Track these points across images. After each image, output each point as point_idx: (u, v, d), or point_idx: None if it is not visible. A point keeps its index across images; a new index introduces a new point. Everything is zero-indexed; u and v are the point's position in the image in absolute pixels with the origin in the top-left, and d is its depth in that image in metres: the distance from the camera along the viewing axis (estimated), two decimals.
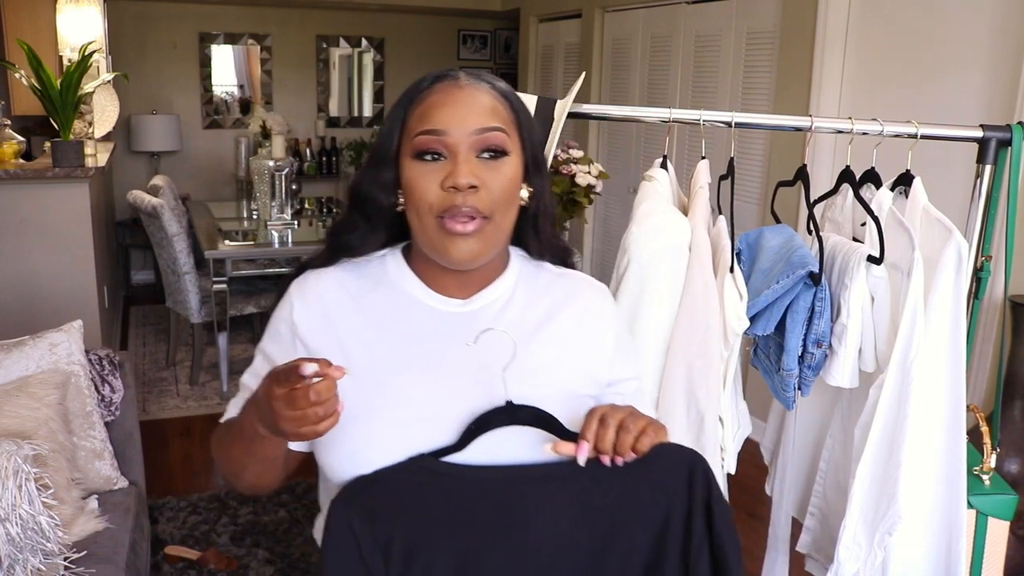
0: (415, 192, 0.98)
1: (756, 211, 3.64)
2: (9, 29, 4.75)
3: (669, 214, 1.53)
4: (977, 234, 1.65)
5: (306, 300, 1.05)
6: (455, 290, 1.05)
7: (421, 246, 1.02)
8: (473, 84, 1.01)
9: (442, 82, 1.01)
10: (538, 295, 1.08)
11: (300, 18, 6.66)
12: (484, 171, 0.98)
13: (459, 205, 0.96)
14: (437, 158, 0.97)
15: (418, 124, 0.98)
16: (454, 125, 0.97)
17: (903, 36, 3.02)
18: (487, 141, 0.98)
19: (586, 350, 1.08)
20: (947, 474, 1.52)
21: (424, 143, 0.97)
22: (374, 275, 1.06)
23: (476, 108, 0.99)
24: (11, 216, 3.31)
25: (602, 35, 4.96)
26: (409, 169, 0.99)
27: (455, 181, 0.96)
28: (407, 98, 1.02)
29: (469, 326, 1.02)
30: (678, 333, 1.50)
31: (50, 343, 2.17)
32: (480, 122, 0.98)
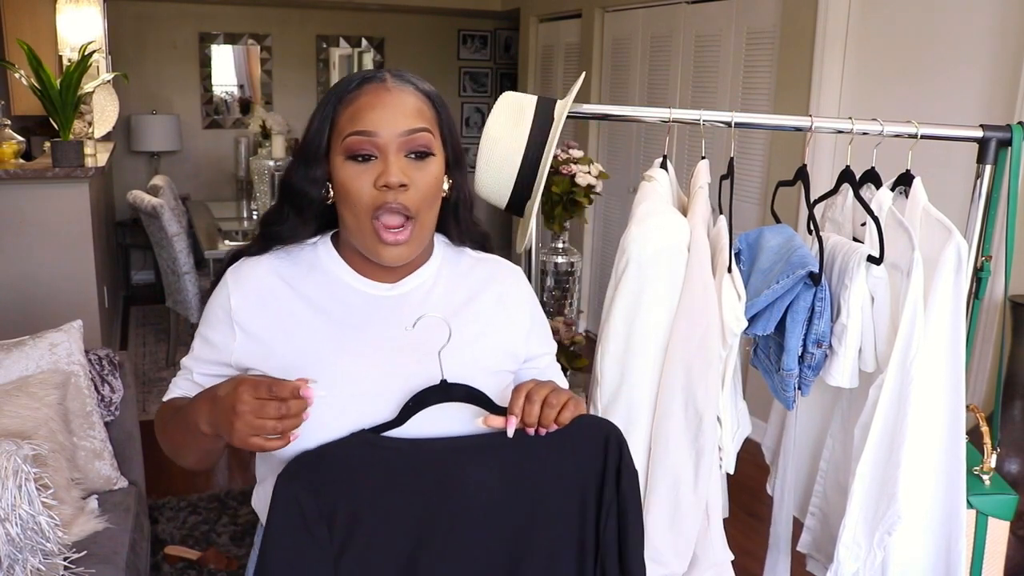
0: (350, 193, 1.04)
1: (756, 211, 3.64)
2: (9, 29, 4.75)
3: (668, 214, 1.53)
4: (977, 234, 1.65)
5: (242, 286, 1.10)
6: (383, 276, 1.11)
7: (352, 240, 1.08)
8: (399, 86, 1.07)
9: (370, 84, 1.06)
10: (460, 279, 1.16)
11: (300, 18, 6.66)
12: (412, 170, 1.04)
13: (390, 202, 1.03)
14: (368, 159, 1.04)
15: (349, 125, 1.04)
16: (384, 127, 1.03)
17: (903, 36, 3.02)
18: (415, 142, 1.04)
19: (505, 329, 1.16)
20: (947, 474, 1.52)
21: (356, 144, 1.03)
22: (306, 261, 1.13)
23: (403, 110, 1.05)
24: (11, 216, 3.31)
25: (602, 35, 4.96)
26: (342, 169, 1.05)
27: (387, 180, 1.02)
28: (335, 97, 1.07)
29: (398, 309, 1.10)
30: (677, 333, 1.50)
31: (50, 343, 2.17)
32: (408, 124, 1.04)
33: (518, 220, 1.51)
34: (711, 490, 1.54)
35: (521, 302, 1.20)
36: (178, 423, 1.05)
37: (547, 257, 2.92)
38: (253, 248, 1.14)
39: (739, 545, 1.93)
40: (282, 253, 1.13)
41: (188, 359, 1.15)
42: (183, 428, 1.03)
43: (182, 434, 1.04)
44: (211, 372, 1.13)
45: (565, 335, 2.81)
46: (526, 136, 1.42)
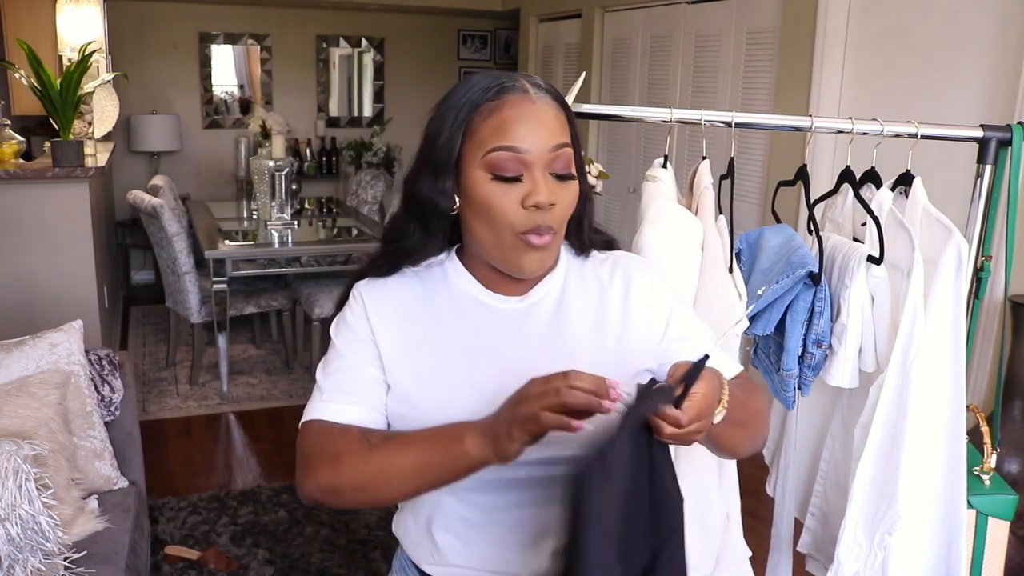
0: (495, 211, 0.99)
1: (756, 211, 3.64)
2: (9, 29, 4.75)
3: (681, 214, 1.53)
4: (977, 234, 1.65)
5: (379, 303, 1.07)
6: (510, 288, 1.08)
7: (486, 256, 1.05)
8: (542, 98, 1.01)
9: (512, 94, 1.00)
10: (587, 282, 1.12)
11: (300, 18, 6.66)
12: (557, 189, 1.00)
13: (540, 224, 0.99)
14: (514, 179, 0.99)
15: (492, 138, 0.99)
16: (532, 143, 0.98)
17: (903, 36, 3.02)
18: (560, 160, 1.00)
19: (637, 318, 1.10)
20: (947, 474, 1.52)
21: (502, 161, 0.98)
22: (434, 277, 1.10)
23: (550, 125, 1.00)
24: (11, 216, 3.31)
25: (602, 35, 4.96)
26: (482, 185, 1.00)
27: (537, 200, 0.98)
28: (469, 104, 1.01)
29: (529, 320, 1.08)
30: None
31: (50, 343, 2.17)
32: (554, 139, 1.00)
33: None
34: (731, 490, 1.55)
35: (652, 288, 1.13)
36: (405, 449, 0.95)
37: None
38: (382, 267, 1.10)
39: None
40: (409, 272, 1.09)
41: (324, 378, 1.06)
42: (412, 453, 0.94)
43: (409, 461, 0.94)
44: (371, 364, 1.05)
45: None
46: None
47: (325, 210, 5.67)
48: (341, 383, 1.05)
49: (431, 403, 1.02)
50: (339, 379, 1.05)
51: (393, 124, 6.91)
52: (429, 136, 1.04)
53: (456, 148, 1.01)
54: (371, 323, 1.06)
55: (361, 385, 1.05)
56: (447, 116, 1.02)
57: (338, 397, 1.04)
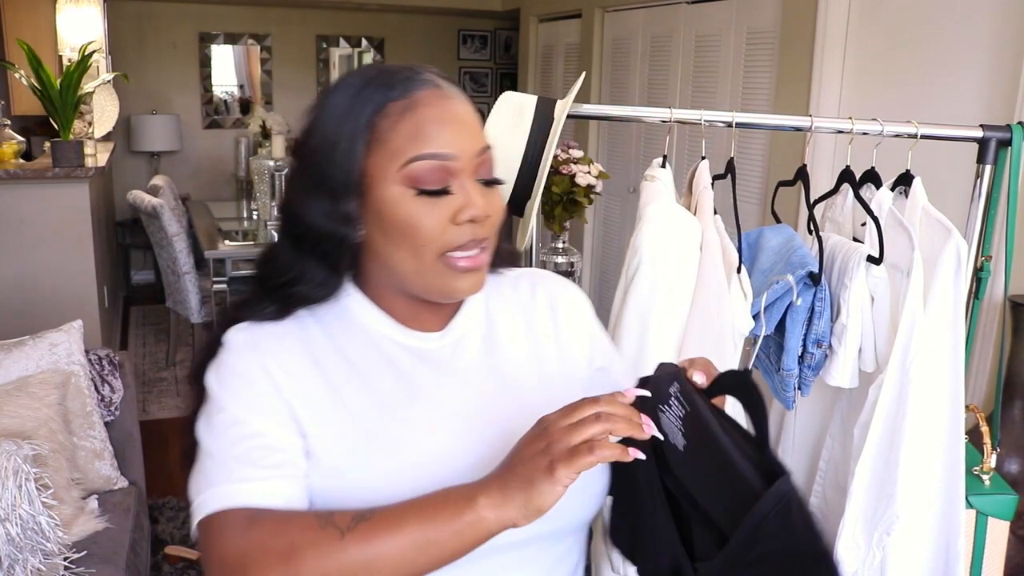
0: (421, 232, 0.82)
1: (756, 211, 3.64)
2: (9, 29, 4.75)
3: (679, 214, 1.53)
4: (977, 234, 1.65)
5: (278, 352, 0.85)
6: (428, 322, 0.92)
7: (406, 285, 0.87)
8: (455, 92, 0.86)
9: (423, 89, 0.84)
10: (509, 305, 0.99)
11: (300, 18, 6.66)
12: (489, 197, 0.86)
13: (474, 238, 0.84)
14: (443, 192, 0.83)
15: (411, 145, 0.82)
16: (458, 147, 0.83)
17: (903, 36, 3.02)
18: (485, 164, 0.86)
19: (569, 339, 1.00)
20: (946, 474, 1.52)
21: (427, 172, 0.82)
22: (335, 319, 0.89)
23: (472, 124, 0.86)
24: (11, 216, 3.31)
25: (602, 35, 4.96)
26: (403, 204, 0.82)
27: (473, 214, 0.83)
28: (372, 105, 0.83)
29: (460, 359, 0.92)
30: (691, 333, 1.50)
31: (50, 343, 2.17)
32: (479, 141, 0.86)
33: (518, 220, 1.51)
34: None
35: (579, 309, 1.03)
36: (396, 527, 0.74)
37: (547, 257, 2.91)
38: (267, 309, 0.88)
39: None
40: (304, 314, 0.88)
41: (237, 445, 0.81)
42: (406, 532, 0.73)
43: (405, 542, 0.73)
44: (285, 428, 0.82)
45: None
46: (526, 136, 1.42)
47: None
48: (253, 455, 0.80)
49: (375, 474, 0.83)
50: (248, 449, 0.80)
51: None
52: (316, 149, 0.84)
53: (359, 162, 0.83)
54: (274, 376, 0.84)
55: (283, 454, 0.81)
56: (340, 122, 0.83)
57: (257, 474, 0.79)
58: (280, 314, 0.88)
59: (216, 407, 0.84)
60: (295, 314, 0.89)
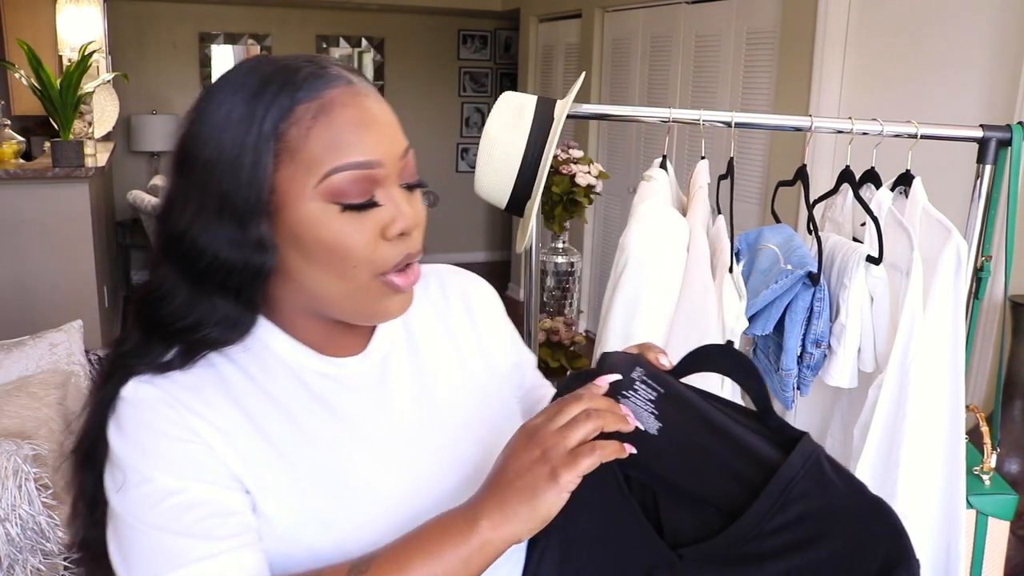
0: (349, 253, 0.72)
1: (756, 211, 3.64)
2: (9, 29, 4.75)
3: (667, 214, 1.53)
4: (977, 234, 1.65)
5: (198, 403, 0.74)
6: (346, 345, 0.82)
7: (330, 310, 0.77)
8: (367, 87, 0.76)
9: (334, 87, 0.72)
10: (422, 310, 0.89)
11: (300, 18, 6.66)
12: (414, 202, 0.77)
13: (411, 253, 0.75)
14: (370, 204, 0.73)
15: (330, 154, 0.71)
16: (382, 152, 0.73)
17: (903, 36, 3.02)
18: (409, 167, 0.77)
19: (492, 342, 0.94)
20: (947, 474, 1.52)
21: (351, 184, 0.71)
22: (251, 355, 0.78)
23: (391, 123, 0.76)
24: (11, 216, 3.31)
25: (602, 35, 4.96)
26: (327, 222, 0.71)
27: (405, 227, 0.74)
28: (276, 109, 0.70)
29: (389, 383, 0.84)
30: (675, 333, 1.50)
31: (50, 343, 2.17)
32: (401, 142, 0.76)
33: (518, 220, 1.51)
34: None
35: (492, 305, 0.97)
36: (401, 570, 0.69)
37: (547, 257, 2.92)
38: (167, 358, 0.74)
39: None
40: (213, 356, 0.76)
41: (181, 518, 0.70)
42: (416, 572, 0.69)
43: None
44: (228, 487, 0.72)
45: (565, 335, 2.81)
46: (526, 136, 1.42)
47: None
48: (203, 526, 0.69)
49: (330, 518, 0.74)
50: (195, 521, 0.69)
51: None
52: (211, 165, 0.71)
53: (268, 178, 0.70)
54: (201, 434, 0.72)
55: (236, 518, 0.71)
56: (239, 132, 0.70)
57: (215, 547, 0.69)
58: (185, 362, 0.74)
59: (137, 477, 0.70)
60: (207, 361, 0.75)
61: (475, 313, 0.93)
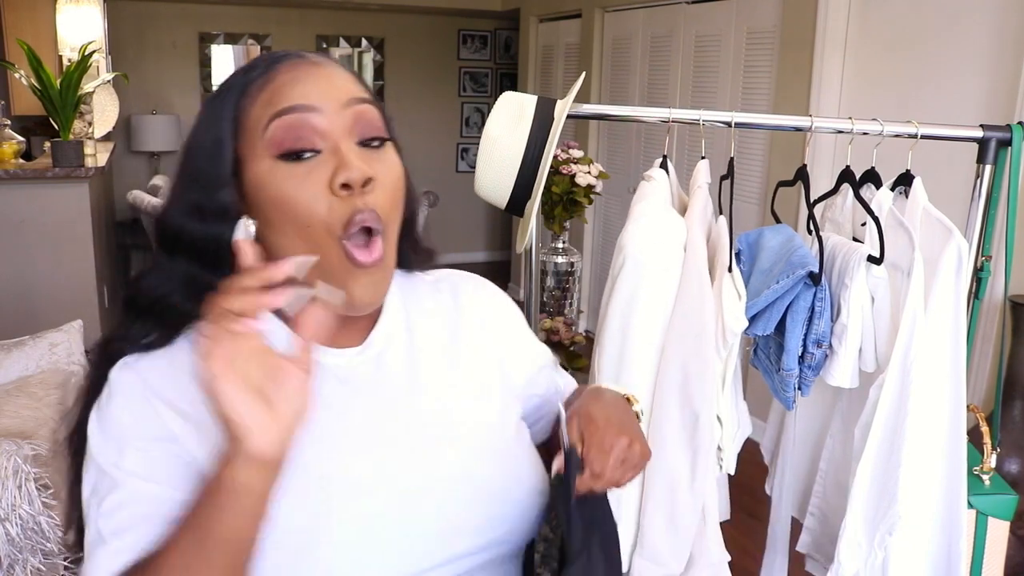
0: (297, 208, 0.72)
1: (756, 211, 3.64)
2: (9, 29, 4.75)
3: (665, 213, 1.53)
4: (977, 234, 1.65)
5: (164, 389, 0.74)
6: (344, 335, 0.80)
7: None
8: (325, 61, 0.79)
9: (286, 63, 0.77)
10: (431, 312, 0.90)
11: (300, 18, 6.66)
12: (372, 160, 0.76)
13: (360, 209, 0.73)
14: (307, 155, 0.73)
15: (267, 111, 0.74)
16: (320, 99, 0.75)
17: (903, 36, 3.02)
18: (363, 118, 0.77)
19: (501, 350, 0.93)
20: (947, 474, 1.52)
21: (286, 129, 0.73)
22: None
23: (339, 79, 0.77)
24: (11, 216, 3.31)
25: (602, 35, 4.96)
26: (271, 178, 0.73)
27: (348, 177, 0.72)
28: (235, 89, 0.77)
29: (376, 379, 0.83)
30: (673, 333, 1.50)
31: (50, 343, 2.17)
32: (350, 92, 0.77)
33: (518, 220, 1.51)
34: (708, 490, 1.54)
35: (499, 307, 0.97)
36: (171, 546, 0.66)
37: (547, 257, 2.92)
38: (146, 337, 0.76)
39: (739, 545, 1.93)
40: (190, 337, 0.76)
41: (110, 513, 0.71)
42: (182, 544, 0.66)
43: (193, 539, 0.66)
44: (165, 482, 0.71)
45: (565, 335, 2.82)
46: (526, 136, 1.42)
47: None
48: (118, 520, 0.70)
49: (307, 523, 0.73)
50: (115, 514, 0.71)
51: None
52: (189, 149, 0.78)
53: (229, 147, 0.75)
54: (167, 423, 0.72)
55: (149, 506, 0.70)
56: (209, 115, 0.77)
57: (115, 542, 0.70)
58: (165, 339, 0.76)
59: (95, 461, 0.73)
60: (187, 340, 0.76)
61: (487, 323, 0.93)
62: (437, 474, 0.80)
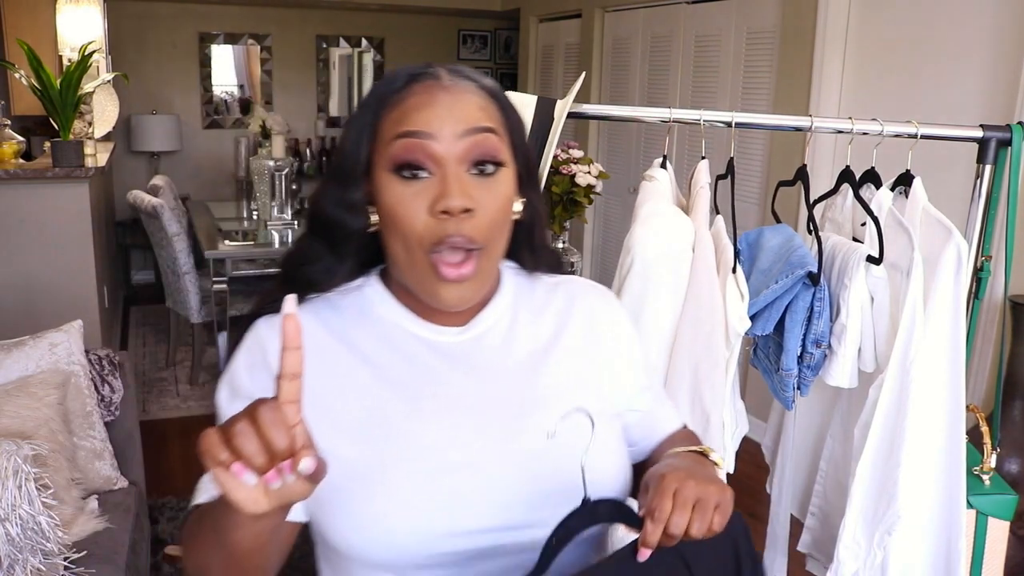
0: (400, 220, 0.83)
1: (756, 211, 3.64)
2: (9, 29, 4.75)
3: (673, 214, 1.53)
4: (977, 234, 1.65)
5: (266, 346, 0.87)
6: (447, 317, 0.91)
7: (406, 281, 0.88)
8: (458, 83, 0.86)
9: (420, 82, 0.85)
10: (539, 310, 0.97)
11: (300, 18, 6.66)
12: (477, 190, 0.83)
13: (452, 234, 0.81)
14: (420, 174, 0.82)
15: (394, 127, 0.84)
16: (438, 127, 0.82)
17: (903, 36, 3.02)
18: (479, 147, 0.83)
19: (603, 357, 0.98)
20: (947, 474, 1.52)
21: (404, 149, 0.82)
22: (353, 307, 0.91)
23: (464, 109, 0.84)
24: (11, 216, 3.31)
25: (602, 35, 4.96)
26: (388, 188, 0.84)
27: (447, 204, 0.81)
28: (375, 100, 0.87)
29: (473, 357, 0.91)
30: (683, 333, 1.50)
31: (50, 343, 2.17)
32: (468, 122, 0.84)
33: None
34: None
35: (614, 321, 1.01)
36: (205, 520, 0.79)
37: None
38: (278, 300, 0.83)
39: None
40: (319, 302, 0.90)
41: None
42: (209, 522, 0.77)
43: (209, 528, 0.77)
44: None
45: None
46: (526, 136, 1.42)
47: None
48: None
49: (369, 463, 0.84)
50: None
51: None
52: (337, 146, 0.91)
53: (364, 152, 0.86)
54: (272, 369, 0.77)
55: None
56: (354, 119, 0.88)
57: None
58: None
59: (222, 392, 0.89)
60: (312, 305, 0.90)
61: (597, 333, 0.98)
62: (506, 447, 0.87)
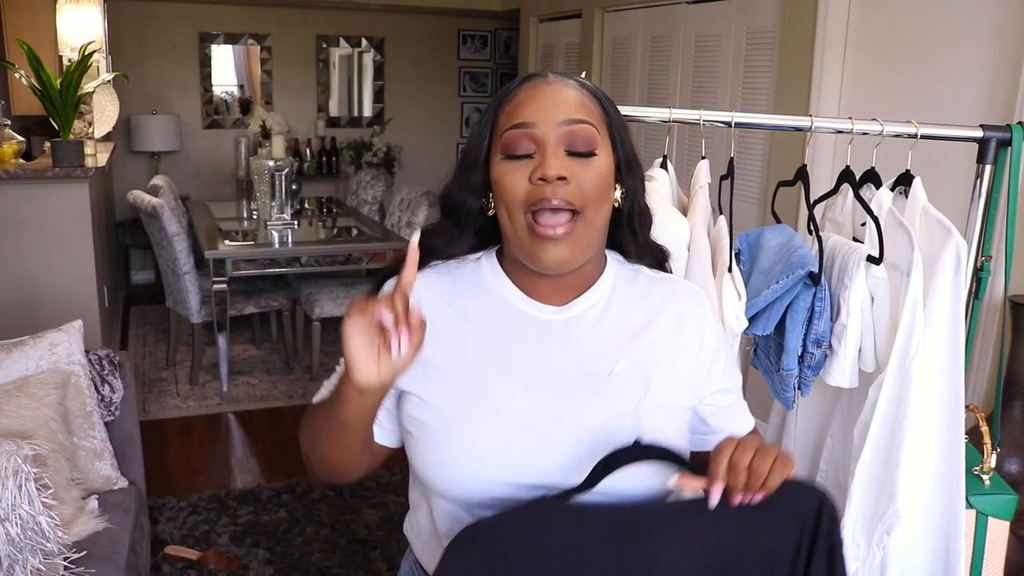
0: (504, 189, 0.98)
1: (756, 211, 3.64)
2: (9, 29, 4.75)
3: (668, 214, 1.53)
4: (977, 234, 1.65)
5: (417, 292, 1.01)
6: (550, 296, 1.04)
7: (513, 250, 1.01)
8: (561, 80, 1.01)
9: (531, 81, 1.02)
10: (635, 301, 1.06)
11: (300, 18, 6.66)
12: (573, 165, 0.97)
13: (548, 197, 0.95)
14: (526, 157, 0.97)
15: (506, 121, 0.99)
16: (540, 117, 0.97)
17: (903, 36, 3.02)
18: (575, 134, 0.97)
19: (684, 357, 1.06)
20: (946, 474, 1.52)
21: (512, 138, 0.98)
22: (468, 278, 1.06)
23: (563, 101, 0.99)
24: (11, 216, 3.31)
25: (602, 35, 4.96)
26: (497, 168, 0.99)
27: (544, 172, 0.95)
28: (496, 100, 1.03)
29: (566, 334, 1.03)
30: None
31: (50, 343, 2.17)
32: (567, 114, 0.98)
33: None
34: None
35: (702, 326, 1.08)
36: (319, 407, 1.00)
37: None
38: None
39: None
40: (441, 268, 1.06)
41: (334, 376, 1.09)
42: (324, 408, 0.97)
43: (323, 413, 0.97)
44: None
45: None
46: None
47: (325, 210, 5.67)
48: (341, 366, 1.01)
49: (457, 412, 0.99)
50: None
51: (393, 124, 6.91)
52: (468, 140, 1.06)
53: (484, 144, 1.02)
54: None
55: None
56: (481, 116, 1.05)
57: (329, 380, 1.09)
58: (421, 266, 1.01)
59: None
60: (428, 274, 1.05)
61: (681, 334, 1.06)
62: (573, 419, 0.98)
